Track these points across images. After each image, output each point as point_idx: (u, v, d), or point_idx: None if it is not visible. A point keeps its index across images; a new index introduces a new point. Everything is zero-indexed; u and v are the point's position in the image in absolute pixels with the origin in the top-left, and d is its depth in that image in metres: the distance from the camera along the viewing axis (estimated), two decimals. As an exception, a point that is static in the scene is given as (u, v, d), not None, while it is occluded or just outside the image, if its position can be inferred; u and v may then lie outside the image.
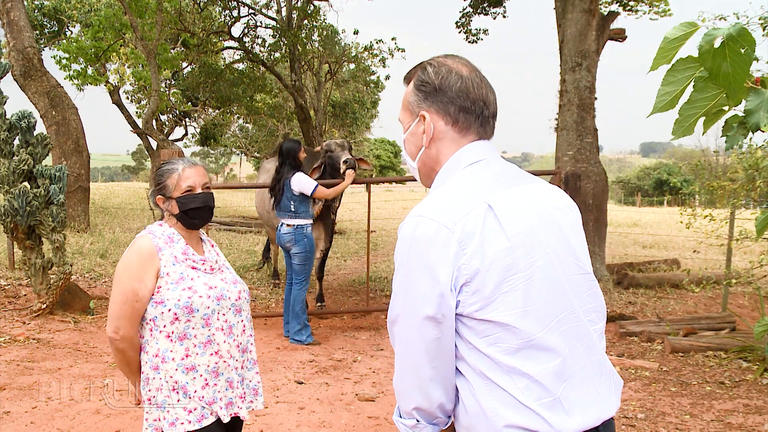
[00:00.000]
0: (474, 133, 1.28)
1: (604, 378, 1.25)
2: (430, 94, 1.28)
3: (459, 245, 1.13)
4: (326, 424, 3.56)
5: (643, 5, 9.74)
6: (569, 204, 1.32)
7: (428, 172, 1.33)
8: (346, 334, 5.65)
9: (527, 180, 1.29)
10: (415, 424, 1.23)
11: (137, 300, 1.91)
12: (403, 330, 1.20)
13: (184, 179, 2.03)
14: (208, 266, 2.04)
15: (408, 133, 1.34)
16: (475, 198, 1.17)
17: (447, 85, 1.26)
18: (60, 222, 5.54)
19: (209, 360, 1.95)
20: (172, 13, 13.54)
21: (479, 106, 1.27)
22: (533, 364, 1.14)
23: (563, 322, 1.18)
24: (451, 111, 1.27)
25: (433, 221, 1.15)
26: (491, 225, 1.14)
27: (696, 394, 4.18)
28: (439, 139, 1.29)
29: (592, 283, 1.29)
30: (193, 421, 1.92)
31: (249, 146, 27.11)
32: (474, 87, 1.27)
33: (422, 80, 1.29)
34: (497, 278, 1.13)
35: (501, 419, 1.15)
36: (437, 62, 1.30)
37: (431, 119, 1.28)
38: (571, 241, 1.25)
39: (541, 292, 1.16)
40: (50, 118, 10.17)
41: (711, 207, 7.27)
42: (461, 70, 1.28)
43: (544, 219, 1.21)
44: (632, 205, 33.28)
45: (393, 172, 42.52)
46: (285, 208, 5.16)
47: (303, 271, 5.18)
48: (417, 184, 41.54)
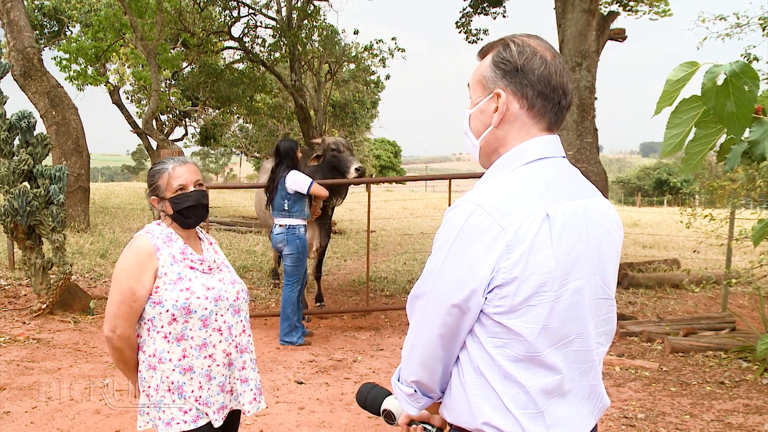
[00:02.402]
0: (546, 121, 1.23)
1: (590, 400, 1.26)
2: (509, 73, 1.21)
3: (506, 247, 1.10)
4: (326, 424, 3.56)
5: (643, 5, 9.73)
6: (617, 224, 1.30)
7: (490, 153, 1.28)
8: (346, 334, 5.65)
9: (585, 192, 1.25)
10: (412, 394, 1.26)
11: (135, 300, 1.91)
12: (427, 309, 1.20)
13: (175, 178, 2.01)
14: (206, 266, 2.04)
15: (476, 109, 1.27)
16: (535, 203, 1.14)
17: (529, 68, 1.20)
18: (60, 222, 5.54)
19: (203, 363, 1.94)
20: (172, 13, 13.54)
21: (558, 94, 1.22)
22: (530, 377, 1.15)
23: (571, 344, 1.18)
24: (528, 94, 1.21)
25: (489, 215, 1.12)
26: (543, 237, 1.12)
27: (696, 394, 4.18)
28: (510, 121, 1.23)
29: (612, 308, 1.28)
30: (188, 422, 1.92)
31: (249, 146, 27.10)
32: (556, 74, 1.21)
33: (503, 57, 1.22)
34: (530, 291, 1.11)
35: (482, 415, 1.16)
36: (521, 41, 1.23)
37: (506, 99, 1.22)
38: (606, 265, 1.24)
39: (562, 313, 1.15)
40: (50, 118, 10.17)
41: (711, 207, 7.27)
42: (545, 54, 1.22)
43: (589, 243, 1.19)
44: (632, 205, 33.28)
45: (393, 172, 42.52)
46: (278, 207, 5.09)
47: (294, 272, 5.12)
48: (417, 184, 41.39)
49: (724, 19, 9.97)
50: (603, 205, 1.28)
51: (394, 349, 5.18)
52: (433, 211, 19.90)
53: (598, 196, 1.29)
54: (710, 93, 1.41)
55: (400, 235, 13.42)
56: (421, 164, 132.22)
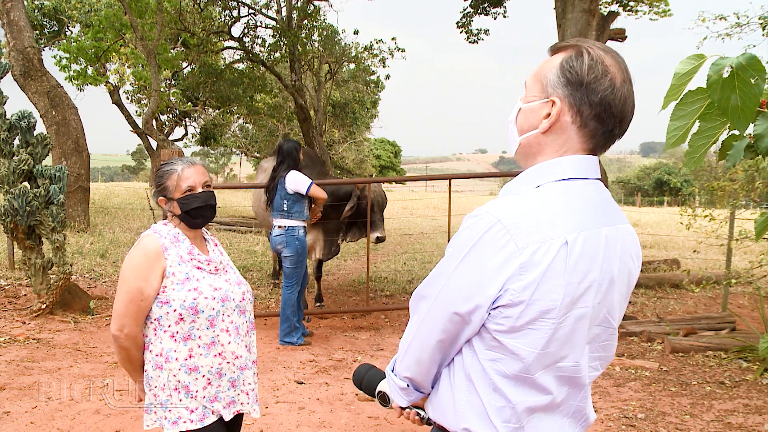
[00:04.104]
0: (593, 143, 1.19)
1: (574, 418, 1.25)
2: (572, 84, 1.15)
3: (519, 268, 1.08)
4: (326, 424, 3.56)
5: (643, 5, 9.73)
6: (636, 255, 1.27)
7: (528, 155, 1.23)
8: (346, 334, 5.65)
9: (611, 220, 1.21)
10: (405, 388, 1.29)
11: (143, 299, 1.92)
12: (430, 312, 1.19)
13: (184, 179, 2.02)
14: (213, 267, 2.05)
15: (528, 107, 1.22)
16: (556, 226, 1.10)
17: (595, 87, 1.14)
18: (60, 222, 5.54)
19: (212, 361, 1.95)
20: (172, 13, 13.54)
21: (614, 122, 1.17)
22: (518, 394, 1.15)
23: (564, 369, 1.18)
24: (584, 113, 1.15)
25: (508, 232, 1.09)
26: (558, 265, 1.09)
27: (696, 394, 4.18)
28: (558, 132, 1.18)
29: (613, 337, 1.26)
30: (195, 421, 1.93)
31: (249, 146, 27.12)
32: (619, 101, 1.15)
33: (571, 66, 1.16)
34: (533, 316, 1.10)
35: (464, 421, 1.18)
36: (596, 55, 1.16)
37: (560, 109, 1.16)
38: (614, 296, 1.21)
39: (561, 339, 1.14)
40: (50, 118, 10.17)
41: (711, 207, 7.26)
42: (616, 76, 1.15)
43: (602, 272, 1.16)
44: (632, 205, 33.28)
45: (393, 172, 42.51)
46: (278, 207, 5.05)
47: (294, 274, 5.09)
48: (417, 184, 41.34)
49: (724, 18, 9.97)
50: (626, 234, 1.23)
51: (394, 349, 5.18)
52: (433, 211, 19.89)
53: (624, 224, 1.24)
54: (716, 85, 1.39)
55: (400, 235, 13.43)
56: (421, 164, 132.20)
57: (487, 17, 11.91)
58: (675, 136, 1.53)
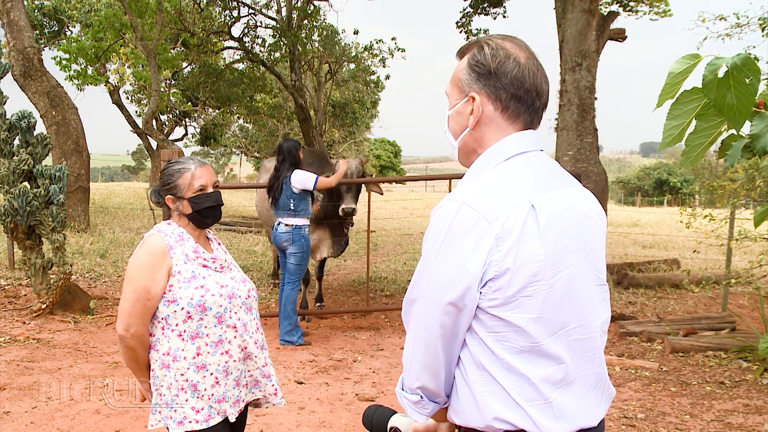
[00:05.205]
0: (522, 122, 1.25)
1: (597, 389, 1.26)
2: (483, 76, 1.23)
3: (496, 240, 1.12)
4: (326, 424, 3.56)
5: (643, 5, 9.73)
6: (599, 211, 1.32)
7: (469, 153, 1.30)
8: (346, 334, 5.65)
9: (566, 183, 1.27)
10: (418, 401, 1.26)
11: (149, 298, 1.92)
12: (423, 311, 1.20)
13: (197, 179, 2.03)
14: (219, 264, 2.06)
15: (454, 111, 1.30)
16: (519, 195, 1.16)
17: (502, 71, 1.22)
18: (60, 222, 5.54)
19: (219, 359, 1.96)
20: (172, 13, 13.54)
21: (531, 96, 1.24)
22: (533, 368, 1.15)
23: (572, 332, 1.19)
24: (502, 97, 1.23)
25: (475, 211, 1.14)
26: (530, 227, 1.13)
27: (696, 394, 4.18)
28: (486, 123, 1.25)
29: (606, 294, 1.30)
30: (200, 421, 1.92)
31: (249, 146, 27.14)
32: (529, 76, 1.23)
33: (477, 60, 1.24)
34: (523, 282, 1.13)
35: (491, 411, 1.17)
36: (495, 44, 1.24)
37: (480, 102, 1.24)
38: (594, 251, 1.25)
39: (558, 301, 1.16)
40: (50, 118, 10.18)
41: (711, 207, 7.27)
42: (519, 56, 1.23)
43: (575, 229, 1.21)
44: (632, 205, 33.29)
45: (393, 172, 42.51)
46: (284, 206, 5.09)
47: (297, 271, 5.13)
48: (417, 184, 41.42)
49: (724, 19, 9.98)
50: (584, 194, 1.31)
51: (394, 349, 5.18)
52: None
53: (579, 185, 1.32)
54: (711, 85, 1.41)
55: (400, 235, 13.43)
56: (421, 164, 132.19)
57: (487, 17, 11.91)
58: (671, 135, 1.55)
